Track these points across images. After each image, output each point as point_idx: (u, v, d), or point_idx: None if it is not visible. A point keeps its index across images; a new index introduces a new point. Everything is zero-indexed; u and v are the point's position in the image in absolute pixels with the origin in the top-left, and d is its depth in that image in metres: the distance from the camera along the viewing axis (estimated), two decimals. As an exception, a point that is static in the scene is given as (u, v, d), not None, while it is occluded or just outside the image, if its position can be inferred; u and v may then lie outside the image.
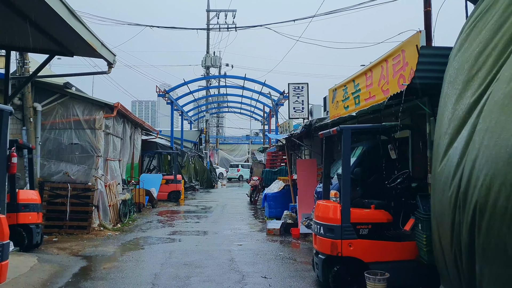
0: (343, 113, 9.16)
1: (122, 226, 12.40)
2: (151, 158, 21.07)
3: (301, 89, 13.68)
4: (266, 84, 24.50)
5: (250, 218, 14.31)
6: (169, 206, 18.12)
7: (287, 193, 13.50)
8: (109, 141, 12.95)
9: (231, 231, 11.45)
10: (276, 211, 13.44)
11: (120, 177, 14.09)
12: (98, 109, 12.12)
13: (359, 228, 5.93)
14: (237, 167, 44.12)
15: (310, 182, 10.95)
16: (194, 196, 23.40)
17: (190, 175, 28.59)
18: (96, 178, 11.80)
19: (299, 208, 11.05)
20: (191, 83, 25.35)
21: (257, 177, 20.53)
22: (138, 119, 16.21)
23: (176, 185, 20.28)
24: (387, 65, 6.92)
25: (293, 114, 13.69)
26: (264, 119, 33.39)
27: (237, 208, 17.69)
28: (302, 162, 11.34)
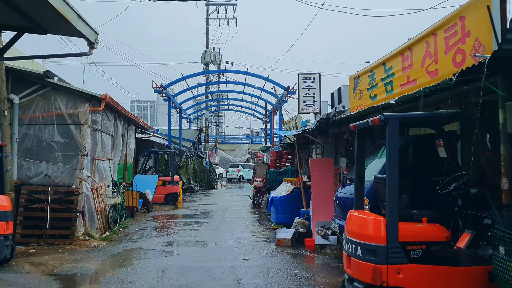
0: (369, 103, 7.73)
1: (111, 234, 10.95)
2: (147, 158, 19.63)
3: (313, 80, 12.26)
4: (269, 79, 23.06)
5: (254, 225, 12.87)
6: (166, 210, 16.67)
7: (297, 197, 12.06)
8: (97, 138, 11.50)
9: (234, 241, 10.01)
10: (285, 216, 12.01)
11: (110, 178, 12.63)
12: (84, 102, 10.67)
13: (409, 249, 4.49)
14: (238, 167, 42.71)
15: (326, 185, 9.52)
16: (193, 199, 21.95)
17: (189, 176, 27.15)
18: (80, 180, 10.35)
19: (313, 215, 9.61)
20: (190, 78, 23.90)
21: (260, 178, 19.09)
22: (131, 114, 14.76)
23: (174, 186, 18.84)
24: (436, 39, 5.49)
25: (303, 109, 12.27)
26: (267, 117, 31.95)
27: (240, 212, 16.24)
28: (316, 162, 9.91)
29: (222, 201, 20.72)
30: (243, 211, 16.66)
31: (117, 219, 11.84)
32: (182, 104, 29.14)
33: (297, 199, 12.06)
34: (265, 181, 17.55)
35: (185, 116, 35.44)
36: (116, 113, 13.45)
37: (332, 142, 11.84)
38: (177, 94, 25.65)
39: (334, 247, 8.89)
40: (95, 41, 7.23)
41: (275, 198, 12.21)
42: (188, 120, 37.28)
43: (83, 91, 10.65)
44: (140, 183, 16.22)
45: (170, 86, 22.66)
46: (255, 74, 23.17)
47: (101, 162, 11.87)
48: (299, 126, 15.48)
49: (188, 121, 37.70)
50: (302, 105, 12.24)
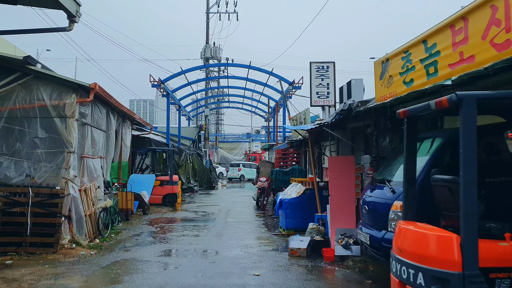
0: (402, 90, 6.52)
1: (101, 241, 9.74)
2: (144, 157, 18.43)
3: (326, 69, 11.04)
4: (273, 73, 21.84)
5: (261, 230, 11.65)
6: (164, 212, 15.45)
7: (309, 199, 10.86)
8: (86, 133, 10.28)
9: (240, 250, 8.79)
10: (295, 221, 10.80)
11: (101, 178, 11.42)
12: (70, 92, 9.45)
13: (493, 277, 3.29)
14: (238, 167, 41.44)
15: (347, 187, 8.32)
16: (192, 199, 20.73)
17: (188, 175, 25.95)
18: (66, 180, 9.14)
19: (332, 221, 8.40)
20: (190, 72, 22.65)
21: (264, 178, 17.86)
22: (126, 109, 13.54)
23: (172, 187, 17.63)
24: (507, 2, 4.29)
25: (316, 101, 11.05)
26: (269, 114, 30.73)
27: (243, 215, 15.03)
28: (335, 160, 8.69)
29: (223, 202, 19.51)
30: (247, 213, 15.45)
31: (109, 223, 10.63)
32: (181, 101, 27.93)
33: (309, 202, 10.86)
34: (270, 181, 16.34)
35: (185, 113, 34.21)
36: (109, 106, 12.23)
37: (349, 138, 10.63)
38: (176, 90, 24.44)
39: (357, 258, 7.69)
40: (77, 14, 6.01)
41: (284, 200, 11.00)
42: (187, 117, 36.05)
43: (70, 79, 9.43)
44: (136, 183, 15.02)
45: (168, 80, 21.45)
46: (258, 68, 21.95)
47: (91, 160, 10.66)
48: (308, 121, 14.27)
49: (187, 118, 36.47)
50: (314, 97, 11.02)
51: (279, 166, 17.98)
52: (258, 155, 47.30)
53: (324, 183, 11.07)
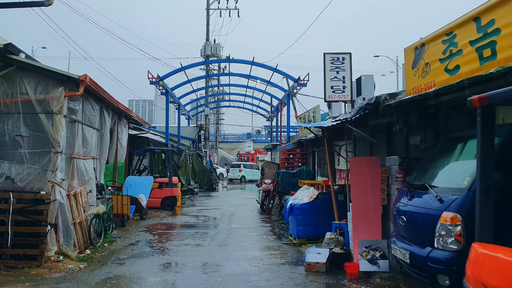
0: (444, 79, 5.51)
1: (92, 252, 8.71)
2: (141, 157, 17.39)
3: (342, 61, 10.03)
4: (277, 69, 20.80)
5: (269, 237, 10.63)
6: (163, 216, 14.42)
7: (324, 205, 9.86)
8: (76, 131, 9.26)
9: (249, 264, 7.77)
10: (307, 229, 9.80)
11: (94, 181, 10.39)
12: (57, 85, 8.43)
13: None
14: (239, 167, 40.41)
15: (371, 192, 7.30)
16: (193, 202, 19.70)
17: (188, 177, 24.92)
18: (53, 184, 8.12)
19: (354, 231, 7.38)
20: (190, 69, 21.64)
21: (269, 179, 16.85)
22: (122, 105, 12.51)
23: (172, 189, 16.60)
24: None
25: (330, 96, 10.03)
26: (272, 113, 29.69)
27: (248, 220, 14.01)
28: (358, 161, 7.66)
29: (225, 205, 18.48)
30: (251, 218, 14.43)
31: (101, 231, 9.60)
32: (180, 99, 26.88)
33: (323, 208, 9.86)
34: (276, 184, 15.33)
35: (184, 113, 33.18)
36: (102, 102, 11.20)
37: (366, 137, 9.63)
38: (175, 87, 23.39)
39: (385, 275, 6.67)
40: (57, -15, 4.98)
41: (295, 206, 9.98)
42: (187, 117, 35.02)
43: (57, 70, 8.39)
44: (132, 186, 13.99)
45: (168, 77, 20.41)
46: (261, 64, 20.94)
47: (82, 161, 9.63)
48: (318, 119, 13.25)
49: (187, 118, 35.43)
50: (329, 92, 10.00)
51: (284, 167, 16.98)
52: (251, 155, 46.20)
53: (338, 187, 10.07)
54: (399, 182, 6.85)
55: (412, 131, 7.14)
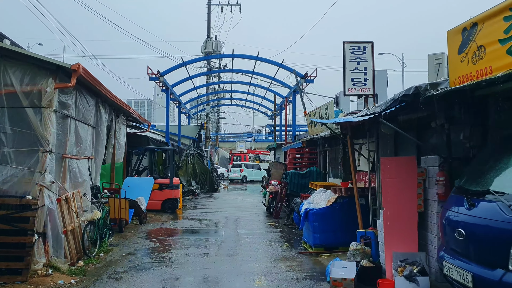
0: (505, 64, 4.57)
1: (86, 263, 7.75)
2: (140, 157, 16.41)
3: (363, 50, 9.08)
4: (283, 65, 19.84)
5: (281, 245, 9.68)
6: (163, 220, 13.46)
7: (344, 210, 8.92)
8: (69, 128, 8.29)
9: (265, 279, 6.82)
10: (326, 236, 8.85)
11: (88, 183, 9.43)
12: (46, 75, 7.46)
13: None
14: (240, 167, 39.44)
15: (406, 197, 6.34)
16: (194, 204, 18.74)
17: (189, 177, 23.98)
18: (41, 187, 7.15)
19: (386, 242, 6.43)
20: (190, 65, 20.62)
21: (276, 181, 15.91)
22: (119, 100, 11.55)
23: (173, 191, 15.65)
24: None
25: (350, 89, 9.07)
26: (276, 111, 28.73)
27: (255, 224, 13.06)
28: (391, 162, 6.70)
29: (229, 207, 17.52)
30: (259, 222, 13.48)
31: (97, 240, 8.63)
32: (181, 97, 25.92)
33: (342, 213, 8.91)
34: (284, 185, 14.38)
35: (185, 111, 32.21)
36: (98, 97, 10.24)
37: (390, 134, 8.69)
38: (176, 84, 22.42)
39: (426, 294, 5.71)
40: None
41: (311, 211, 9.02)
42: (187, 115, 34.04)
43: (46, 59, 7.43)
44: (131, 188, 13.04)
45: (168, 73, 19.44)
46: (267, 59, 19.97)
47: (75, 161, 8.66)
48: (331, 116, 12.32)
49: (187, 116, 34.45)
50: (349, 84, 9.03)
51: (292, 167, 16.02)
52: (243, 155, 45.17)
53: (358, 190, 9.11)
54: (440, 186, 5.90)
55: (454, 127, 6.19)
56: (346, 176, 11.79)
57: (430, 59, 9.54)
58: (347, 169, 11.75)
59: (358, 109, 15.01)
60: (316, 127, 13.94)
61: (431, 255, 6.15)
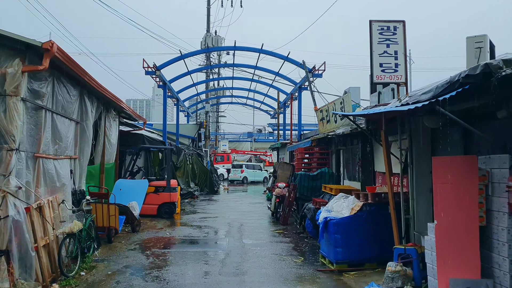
0: None
1: (63, 285, 6.40)
2: (135, 157, 15.03)
3: (394, 31, 7.72)
4: (289, 58, 18.46)
5: (296, 260, 8.30)
6: (159, 227, 12.07)
7: (372, 219, 7.57)
8: (43, 121, 6.90)
9: (283, 308, 5.43)
10: (349, 251, 7.49)
11: (69, 188, 8.04)
12: (12, 56, 6.10)
13: None
14: (241, 168, 38.02)
15: (466, 208, 4.97)
16: (193, 208, 17.35)
17: (188, 178, 22.60)
18: (5, 194, 5.77)
19: (440, 265, 5.05)
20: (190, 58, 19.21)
21: (283, 183, 14.53)
22: (109, 93, 10.19)
23: (170, 194, 14.25)
24: None
25: (379, 76, 7.68)
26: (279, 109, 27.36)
27: (262, 232, 11.69)
28: (445, 163, 5.31)
29: (231, 212, 16.14)
30: (265, 230, 12.10)
31: (78, 255, 7.24)
32: (179, 94, 24.54)
33: (370, 224, 7.56)
34: (293, 188, 13.01)
35: (183, 109, 30.80)
36: (83, 87, 8.87)
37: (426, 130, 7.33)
38: (174, 80, 21.03)
39: (500, 337, 4.34)
40: None
41: (332, 220, 7.65)
42: (186, 114, 32.64)
43: (10, 35, 6.03)
44: (123, 192, 11.68)
45: (165, 66, 18.04)
46: (271, 52, 18.58)
47: (52, 162, 7.27)
48: (348, 109, 10.95)
49: (186, 115, 33.05)
50: (377, 71, 7.65)
51: (301, 168, 14.64)
52: (226, 155, 43.66)
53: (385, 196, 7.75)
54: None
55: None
56: (366, 179, 10.44)
57: (469, 42, 8.15)
58: (366, 171, 10.40)
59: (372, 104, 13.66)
60: (329, 124, 12.58)
61: (500, 283, 4.78)
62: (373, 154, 9.62)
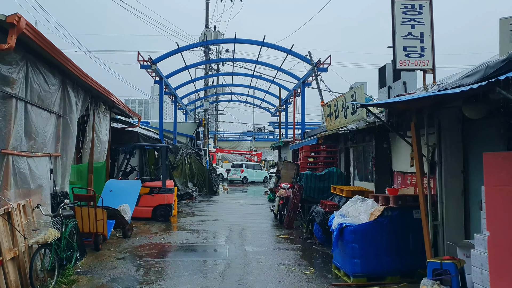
0: None
1: (34, 306, 5.36)
2: (129, 156, 14.02)
3: (419, 9, 6.70)
4: (292, 51, 17.45)
5: (306, 272, 7.31)
6: (153, 232, 11.09)
7: (394, 226, 6.57)
8: (13, 112, 5.90)
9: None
10: (369, 262, 6.51)
11: (47, 190, 7.04)
12: (-30, 32, 5.09)
13: None
14: (241, 168, 37.08)
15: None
16: (191, 209, 16.35)
17: (185, 179, 21.60)
18: (-40, 198, 4.76)
19: (495, 285, 4.06)
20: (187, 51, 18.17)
21: (287, 183, 13.54)
22: (97, 84, 9.19)
23: (166, 195, 13.26)
24: None
25: (403, 62, 6.66)
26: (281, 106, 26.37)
27: (265, 237, 10.70)
28: (503, 159, 4.30)
29: (231, 214, 15.16)
30: (269, 235, 11.11)
31: (55, 267, 6.25)
32: (177, 90, 23.53)
33: (393, 230, 6.57)
34: (299, 189, 12.02)
35: (181, 107, 29.79)
36: (66, 76, 7.87)
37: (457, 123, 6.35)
38: (171, 75, 20.01)
39: None
40: None
41: (349, 227, 6.67)
42: (184, 111, 31.62)
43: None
44: (114, 193, 10.72)
45: (161, 60, 17.00)
46: (273, 45, 17.51)
47: (25, 160, 6.28)
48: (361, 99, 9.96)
49: (184, 113, 32.02)
50: (400, 55, 6.62)
51: (306, 167, 13.66)
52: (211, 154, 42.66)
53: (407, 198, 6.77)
54: None
55: None
56: (380, 179, 9.45)
57: (502, 24, 7.17)
58: (382, 170, 9.41)
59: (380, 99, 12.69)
60: (338, 120, 11.58)
61: None
62: (391, 151, 8.63)
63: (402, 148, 7.90)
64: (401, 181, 8.10)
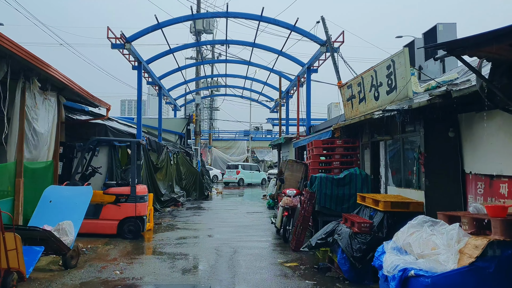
0: None
1: None
2: (90, 154, 10.97)
3: None
4: (297, 27, 14.31)
5: None
6: (110, 259, 8.04)
7: (504, 274, 3.50)
8: None
9: None
10: None
11: None
12: None
13: None
14: (237, 169, 34.13)
15: None
16: (174, 220, 13.30)
17: (171, 182, 18.58)
18: None
19: None
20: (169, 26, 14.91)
21: (293, 189, 10.50)
22: (26, 52, 6.14)
23: (136, 205, 10.24)
24: None
25: None
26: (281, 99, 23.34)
27: (264, 268, 7.64)
28: None
29: (222, 227, 12.13)
30: (270, 262, 8.06)
31: None
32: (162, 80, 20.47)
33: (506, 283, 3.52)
34: (310, 197, 8.97)
35: (169, 101, 26.74)
36: None
37: None
38: (152, 59, 16.96)
39: None
40: None
41: (422, 278, 3.62)
42: (173, 106, 28.53)
43: None
44: (55, 204, 7.74)
45: (137, 38, 13.92)
46: (274, 20, 14.39)
47: None
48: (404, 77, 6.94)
49: (173, 108, 28.93)
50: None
51: (317, 168, 10.64)
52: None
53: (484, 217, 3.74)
54: None
55: None
56: (434, 186, 6.43)
57: None
58: (436, 172, 6.39)
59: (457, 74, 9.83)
60: (363, 104, 8.58)
61: None
62: (461, 143, 5.62)
63: (490, 137, 4.87)
64: (484, 190, 5.06)
